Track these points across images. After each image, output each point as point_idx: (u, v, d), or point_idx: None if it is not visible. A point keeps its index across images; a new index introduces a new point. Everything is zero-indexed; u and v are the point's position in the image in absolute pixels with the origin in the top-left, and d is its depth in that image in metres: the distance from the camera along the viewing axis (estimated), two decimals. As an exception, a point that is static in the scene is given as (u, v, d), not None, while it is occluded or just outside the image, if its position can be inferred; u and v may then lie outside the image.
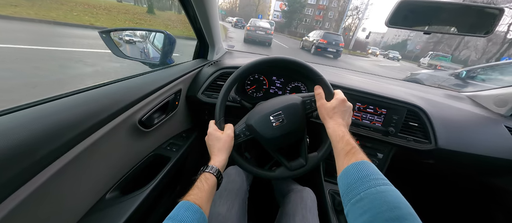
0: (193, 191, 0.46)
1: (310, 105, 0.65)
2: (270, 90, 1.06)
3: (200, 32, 0.94)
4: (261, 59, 0.65)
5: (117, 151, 0.60)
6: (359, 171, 0.40)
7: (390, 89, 1.01)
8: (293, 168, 0.65)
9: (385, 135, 0.89)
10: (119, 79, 0.63)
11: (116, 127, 0.55)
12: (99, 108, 0.50)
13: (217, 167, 0.54)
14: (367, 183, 0.37)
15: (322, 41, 11.00)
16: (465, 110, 0.99)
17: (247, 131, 0.64)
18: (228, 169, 0.83)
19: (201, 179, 0.50)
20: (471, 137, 0.88)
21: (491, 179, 1.05)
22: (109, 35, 0.81)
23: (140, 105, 0.64)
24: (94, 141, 0.48)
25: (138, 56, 1.11)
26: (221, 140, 0.59)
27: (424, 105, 0.88)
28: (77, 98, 0.48)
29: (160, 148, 0.84)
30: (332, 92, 0.61)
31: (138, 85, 0.65)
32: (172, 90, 0.81)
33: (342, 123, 0.55)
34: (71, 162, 0.43)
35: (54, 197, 0.43)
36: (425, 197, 1.40)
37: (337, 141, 0.50)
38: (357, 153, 0.45)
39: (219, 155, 0.57)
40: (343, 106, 0.58)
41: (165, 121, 0.80)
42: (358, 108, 0.92)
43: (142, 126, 0.66)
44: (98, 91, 0.53)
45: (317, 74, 0.62)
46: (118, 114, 0.55)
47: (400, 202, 0.33)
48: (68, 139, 0.41)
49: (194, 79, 0.97)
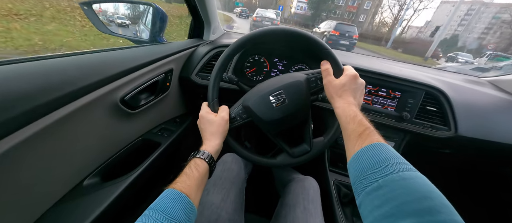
0: (181, 178, 0.41)
1: (315, 83, 0.57)
2: (271, 73, 0.97)
3: (194, 8, 0.84)
4: (262, 30, 0.56)
5: (96, 133, 0.53)
6: (375, 155, 0.32)
7: (406, 70, 0.91)
8: (296, 155, 0.57)
9: (398, 121, 0.80)
10: (94, 51, 0.54)
11: (90, 104, 0.47)
12: (66, 79, 0.42)
13: (209, 153, 0.47)
14: (387, 168, 0.29)
15: (333, 33, 9.92)
16: (488, 94, 0.89)
17: (244, 113, 0.57)
18: (224, 156, 0.77)
19: (190, 165, 0.44)
20: (495, 123, 0.79)
21: (508, 170, 0.96)
22: (91, 7, 0.73)
23: (121, 82, 0.56)
24: (58, 119, 0.41)
25: (128, 33, 1.03)
26: (215, 124, 0.52)
27: (444, 88, 0.78)
28: (35, 65, 0.40)
29: (149, 133, 0.77)
30: (341, 67, 0.53)
31: (118, 58, 0.57)
32: (161, 69, 0.73)
33: (353, 102, 0.47)
34: (28, 141, 0.36)
35: (13, 180, 0.36)
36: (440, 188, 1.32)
37: (347, 122, 0.42)
38: (373, 135, 0.37)
39: (212, 139, 0.51)
40: (355, 83, 0.49)
41: (155, 104, 0.73)
42: (368, 91, 0.83)
43: (125, 106, 0.59)
44: (66, 60, 0.46)
45: (323, 47, 0.54)
46: (92, 89, 0.47)
47: (431, 191, 0.26)
48: (20, 112, 0.34)
49: (188, 59, 0.89)
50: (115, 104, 0.56)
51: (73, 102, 0.44)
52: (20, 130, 0.35)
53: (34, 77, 0.38)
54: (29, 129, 0.36)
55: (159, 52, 0.73)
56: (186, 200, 0.36)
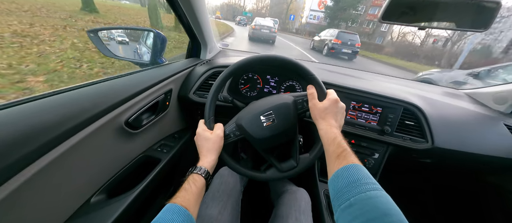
0: (180, 193, 0.45)
1: (302, 105, 0.63)
2: (264, 89, 1.04)
3: (191, 31, 0.92)
4: (252, 57, 0.62)
5: (102, 154, 0.58)
6: (349, 175, 0.38)
7: (386, 87, 0.99)
8: (284, 170, 0.63)
9: (380, 134, 0.87)
10: (104, 79, 0.61)
11: (98, 130, 0.53)
12: (79, 110, 0.48)
13: (205, 168, 0.52)
14: (358, 188, 0.35)
15: (336, 42, 9.85)
16: (463, 108, 0.97)
17: (237, 131, 0.62)
18: (221, 170, 0.82)
19: (189, 180, 0.49)
20: (469, 135, 0.86)
21: (490, 178, 1.03)
22: (97, 34, 0.79)
23: (127, 106, 0.62)
24: (74, 145, 0.46)
25: (131, 56, 1.09)
26: (210, 140, 0.57)
27: (420, 103, 0.86)
28: (53, 100, 0.46)
29: (150, 150, 0.82)
30: (324, 92, 0.59)
31: (124, 85, 0.63)
32: (162, 90, 0.79)
33: (334, 124, 0.53)
34: (47, 167, 0.41)
35: (30, 202, 0.41)
36: (423, 196, 1.38)
37: (328, 144, 0.49)
38: (348, 156, 0.43)
39: (208, 155, 0.56)
40: (336, 107, 0.56)
41: (155, 122, 0.79)
42: (353, 107, 0.90)
43: (129, 128, 0.64)
44: (79, 92, 0.52)
45: (309, 73, 0.60)
46: (101, 116, 0.53)
47: (391, 209, 0.32)
48: (41, 144, 0.39)
49: (186, 78, 0.95)
50: (120, 126, 0.61)
51: (84, 129, 0.49)
52: (38, 159, 0.40)
53: (51, 111, 0.44)
54: (47, 157, 0.42)
55: (160, 74, 0.79)
56: (186, 213, 0.41)
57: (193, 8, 0.74)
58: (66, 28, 3.44)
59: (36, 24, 3.23)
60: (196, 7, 0.75)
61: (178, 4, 0.72)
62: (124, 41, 1.06)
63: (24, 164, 0.38)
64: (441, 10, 0.54)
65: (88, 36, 0.79)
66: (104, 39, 0.82)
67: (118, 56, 0.85)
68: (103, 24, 5.10)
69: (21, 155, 0.36)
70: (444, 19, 0.62)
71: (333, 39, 10.01)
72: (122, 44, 1.04)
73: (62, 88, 0.50)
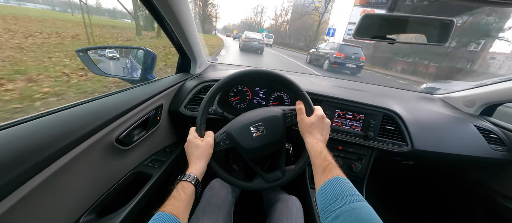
0: (169, 201, 0.46)
1: (290, 119, 0.66)
2: (253, 100, 1.07)
3: (179, 46, 0.95)
4: (243, 71, 0.66)
5: (92, 173, 0.58)
6: (334, 188, 0.41)
7: (367, 94, 1.06)
8: (270, 180, 0.65)
9: (365, 139, 0.92)
10: (95, 98, 0.62)
11: (89, 148, 0.53)
12: (69, 130, 0.48)
13: (194, 175, 0.53)
14: (342, 200, 0.38)
15: (338, 55, 8.95)
16: (438, 112, 1.05)
17: (227, 139, 0.64)
18: (212, 183, 0.82)
19: (177, 188, 0.49)
20: (444, 137, 0.93)
21: (469, 176, 1.10)
22: (86, 54, 0.80)
23: (117, 123, 0.63)
24: (63, 166, 0.46)
25: (121, 73, 1.10)
26: (201, 147, 0.58)
27: (398, 109, 0.92)
28: (43, 122, 0.46)
29: (141, 165, 0.82)
30: (312, 108, 0.63)
31: (114, 102, 0.64)
32: (152, 106, 0.80)
33: (320, 138, 0.57)
34: (35, 189, 0.41)
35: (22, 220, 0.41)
36: (409, 198, 1.44)
37: (315, 157, 0.52)
38: (333, 169, 0.47)
39: (197, 163, 0.57)
40: (322, 123, 0.60)
41: (146, 137, 0.79)
42: (338, 115, 0.95)
43: (120, 144, 0.65)
44: (70, 112, 0.52)
45: (299, 90, 0.64)
46: (91, 135, 0.53)
47: (372, 219, 0.35)
48: (30, 166, 0.40)
49: (176, 93, 0.97)
50: (111, 144, 0.62)
51: (74, 150, 0.49)
52: (25, 183, 0.40)
53: (41, 133, 0.44)
54: (36, 180, 0.42)
55: (151, 90, 0.81)
56: (176, 221, 0.41)
57: (181, 26, 0.77)
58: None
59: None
60: (184, 24, 0.78)
61: (167, 22, 0.75)
62: (115, 57, 1.07)
63: (13, 188, 0.38)
64: (407, 27, 0.61)
65: (77, 55, 0.80)
66: (95, 57, 0.83)
67: (108, 74, 0.86)
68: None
69: (8, 180, 0.37)
70: (413, 31, 0.69)
71: (335, 52, 9.07)
72: (113, 60, 1.06)
73: (52, 109, 0.51)
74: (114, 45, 1.08)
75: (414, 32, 0.63)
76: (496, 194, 0.98)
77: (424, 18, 0.59)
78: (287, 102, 1.05)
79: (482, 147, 0.91)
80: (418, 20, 0.60)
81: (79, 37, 5.85)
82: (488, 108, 1.08)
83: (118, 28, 10.68)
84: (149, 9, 0.67)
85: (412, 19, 0.58)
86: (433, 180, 1.31)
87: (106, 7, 11.74)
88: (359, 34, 0.61)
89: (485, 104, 1.06)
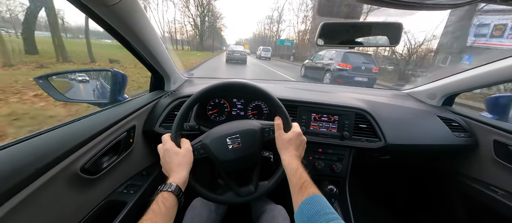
0: (147, 216, 0.41)
1: (268, 134, 0.67)
2: (232, 112, 1.07)
3: (149, 65, 0.93)
4: (222, 83, 0.65)
5: (56, 208, 0.53)
6: (310, 209, 0.42)
7: (340, 96, 1.10)
8: (242, 194, 0.65)
9: (341, 139, 0.95)
10: (57, 126, 0.57)
11: (49, 182, 0.49)
12: (24, 164, 0.44)
13: (176, 184, 0.49)
14: (318, 220, 0.39)
15: (342, 66, 6.78)
16: (405, 107, 1.13)
17: (202, 149, 0.63)
18: (193, 202, 0.79)
19: (157, 200, 0.45)
20: (413, 129, 0.99)
21: (440, 164, 1.18)
22: (46, 80, 0.76)
23: (82, 151, 0.59)
24: (19, 202, 0.42)
25: (91, 97, 1.04)
26: (180, 154, 0.55)
27: (368, 108, 0.97)
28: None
29: (114, 193, 0.76)
30: (290, 124, 0.64)
31: (79, 129, 0.61)
32: (123, 128, 0.77)
33: (296, 154, 0.58)
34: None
35: None
36: (391, 190, 1.49)
37: (292, 175, 0.53)
38: (309, 187, 0.48)
39: (179, 171, 0.53)
40: (299, 139, 0.61)
41: (118, 162, 0.75)
42: (314, 118, 0.98)
43: (86, 174, 0.60)
44: (27, 144, 0.48)
45: (278, 105, 0.64)
46: (50, 167, 0.49)
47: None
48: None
49: (150, 112, 0.94)
50: (75, 174, 0.57)
51: (30, 186, 0.45)
52: None
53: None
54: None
55: (120, 112, 0.77)
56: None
57: (146, 45, 0.75)
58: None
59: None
60: (149, 43, 0.76)
61: (129, 44, 0.73)
62: (85, 80, 1.02)
63: None
64: (361, 32, 0.66)
65: (36, 82, 0.75)
66: (61, 82, 0.78)
67: (73, 99, 0.82)
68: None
69: None
70: (369, 35, 0.74)
71: (339, 63, 6.89)
72: (83, 83, 1.01)
73: (6, 143, 0.46)
74: (78, 69, 1.02)
75: (370, 36, 0.68)
76: (462, 176, 1.05)
77: (377, 23, 0.64)
78: (265, 110, 1.06)
79: (446, 135, 0.99)
80: (371, 25, 0.65)
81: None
82: (448, 98, 1.18)
83: (102, 47, 10.17)
84: (111, 33, 0.65)
85: (366, 25, 0.64)
86: (410, 171, 1.38)
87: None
88: (320, 42, 0.65)
89: (445, 95, 1.15)
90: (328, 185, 0.95)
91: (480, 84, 0.98)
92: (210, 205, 0.80)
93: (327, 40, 0.65)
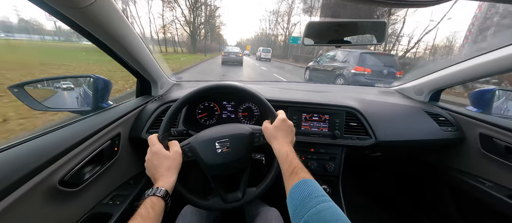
0: (135, 221, 0.39)
1: (258, 139, 0.66)
2: (222, 115, 1.05)
3: (134, 70, 0.89)
4: (208, 85, 0.64)
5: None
6: (301, 193, 0.41)
7: (330, 96, 1.11)
8: (229, 200, 0.63)
9: (333, 138, 0.95)
10: (32, 137, 0.54)
11: (23, 198, 0.45)
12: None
13: (165, 189, 0.48)
14: (309, 203, 0.38)
15: (360, 70, 5.47)
16: (394, 103, 1.14)
17: (190, 152, 0.61)
18: (183, 210, 0.77)
19: (145, 205, 0.43)
20: (402, 126, 1.00)
21: (430, 158, 1.20)
22: (22, 89, 0.71)
23: (60, 163, 0.55)
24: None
25: (72, 105, 1.00)
26: (170, 158, 0.54)
27: (358, 106, 0.98)
28: None
29: (99, 205, 0.73)
30: (275, 114, 0.63)
31: (57, 139, 0.57)
32: (107, 136, 0.73)
33: (286, 141, 0.58)
34: None
35: None
36: (384, 187, 1.51)
37: (282, 162, 0.52)
38: (300, 172, 0.47)
39: (169, 175, 0.52)
40: (285, 125, 0.60)
41: (102, 173, 0.71)
42: (305, 118, 0.98)
43: (66, 187, 0.57)
44: None
45: (259, 99, 0.64)
46: (23, 182, 0.46)
47: (338, 219, 0.35)
48: None
49: (136, 118, 0.91)
50: (53, 187, 0.54)
51: (3, 200, 0.42)
52: None
53: None
54: None
55: (104, 119, 0.74)
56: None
57: (129, 50, 0.72)
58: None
59: None
60: (132, 48, 0.73)
61: (109, 48, 0.70)
62: (70, 88, 0.98)
63: None
64: (347, 30, 0.66)
65: (11, 92, 0.70)
66: (39, 90, 0.74)
67: (52, 108, 0.77)
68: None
69: None
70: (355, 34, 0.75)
71: (355, 66, 5.56)
72: (68, 90, 0.96)
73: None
74: (56, 77, 0.97)
75: (357, 34, 0.68)
76: (452, 170, 1.07)
77: (363, 21, 0.64)
78: (256, 112, 1.05)
79: (434, 130, 1.00)
80: (357, 24, 0.65)
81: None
82: (434, 94, 1.20)
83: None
84: (87, 37, 0.62)
85: (353, 23, 0.64)
86: (401, 168, 1.40)
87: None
88: (308, 42, 0.65)
89: (431, 91, 1.18)
90: (321, 184, 0.94)
91: (464, 78, 1.01)
92: (201, 212, 0.78)
93: (315, 39, 0.65)
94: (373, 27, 0.65)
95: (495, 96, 1.04)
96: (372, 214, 1.37)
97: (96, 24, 0.56)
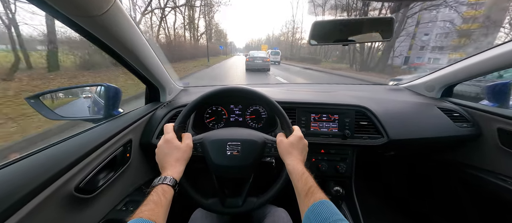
0: (148, 206, 0.41)
1: (270, 150, 0.65)
2: (230, 119, 1.05)
3: (143, 77, 0.91)
4: (220, 89, 0.65)
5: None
6: (318, 215, 0.41)
7: (338, 95, 1.09)
8: (227, 205, 0.63)
9: (343, 139, 0.93)
10: (46, 146, 0.55)
11: (40, 206, 0.47)
12: (10, 190, 0.42)
13: (174, 178, 0.50)
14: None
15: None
16: (405, 101, 1.11)
17: (200, 148, 0.62)
18: (194, 214, 0.77)
19: (157, 191, 0.45)
20: (414, 123, 0.97)
21: (444, 156, 1.16)
22: (38, 99, 0.74)
23: (75, 170, 0.57)
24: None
25: (85, 113, 1.03)
26: (181, 150, 0.55)
27: (368, 104, 0.96)
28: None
29: (114, 212, 0.74)
30: (291, 128, 0.63)
31: (70, 147, 0.59)
32: (119, 143, 0.75)
33: (300, 159, 0.57)
34: None
35: None
36: (397, 187, 1.46)
37: (297, 180, 0.52)
38: (316, 193, 0.46)
39: (177, 165, 0.53)
40: (301, 143, 0.60)
41: (115, 179, 0.72)
42: (313, 119, 0.96)
43: (81, 193, 0.58)
44: (13, 168, 0.46)
45: (277, 109, 0.63)
46: (40, 190, 0.47)
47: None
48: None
49: (146, 125, 0.92)
50: (70, 194, 0.55)
51: (22, 209, 0.43)
52: None
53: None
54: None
55: (115, 127, 0.76)
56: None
57: (138, 56, 0.74)
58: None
59: None
60: (140, 55, 0.74)
61: (119, 56, 0.72)
62: (88, 96, 1.02)
63: None
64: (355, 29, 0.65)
65: (28, 103, 0.73)
66: (54, 100, 0.77)
67: (66, 117, 0.80)
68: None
69: None
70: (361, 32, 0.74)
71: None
72: (76, 100, 1.00)
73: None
74: (70, 86, 1.02)
75: (362, 32, 0.68)
76: (469, 167, 1.03)
77: (368, 19, 0.63)
78: (264, 115, 1.04)
79: (449, 126, 0.97)
80: (363, 22, 0.64)
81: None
82: (446, 89, 1.17)
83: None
84: (98, 45, 0.64)
85: (358, 22, 0.63)
86: (415, 167, 1.35)
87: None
88: (314, 42, 0.64)
89: (443, 86, 1.14)
90: (334, 186, 0.93)
91: (477, 72, 0.97)
92: (213, 216, 0.77)
93: (320, 39, 0.64)
94: (379, 24, 0.64)
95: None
96: (387, 215, 1.33)
97: (108, 32, 0.58)
